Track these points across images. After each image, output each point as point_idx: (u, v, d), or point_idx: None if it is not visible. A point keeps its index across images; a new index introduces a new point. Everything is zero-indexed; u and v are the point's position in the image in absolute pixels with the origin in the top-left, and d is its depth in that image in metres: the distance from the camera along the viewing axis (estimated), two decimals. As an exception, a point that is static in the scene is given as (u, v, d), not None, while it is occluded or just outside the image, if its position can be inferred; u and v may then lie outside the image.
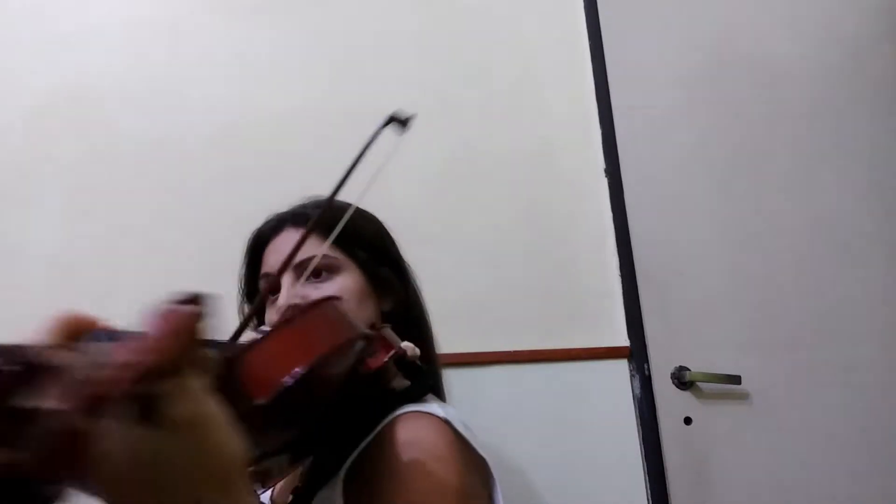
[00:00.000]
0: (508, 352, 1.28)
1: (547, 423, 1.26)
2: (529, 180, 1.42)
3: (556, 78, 1.51)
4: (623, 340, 1.34)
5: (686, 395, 1.33)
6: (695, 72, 1.57)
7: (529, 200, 1.41)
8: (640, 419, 1.29)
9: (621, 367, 1.32)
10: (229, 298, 0.88)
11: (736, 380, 1.33)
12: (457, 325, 1.22)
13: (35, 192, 1.29)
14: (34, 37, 1.37)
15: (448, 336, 0.89)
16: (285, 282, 0.74)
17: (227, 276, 0.87)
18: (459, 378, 1.20)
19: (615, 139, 1.46)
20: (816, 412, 1.37)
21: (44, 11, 1.39)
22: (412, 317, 0.83)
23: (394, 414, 0.65)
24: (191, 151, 1.34)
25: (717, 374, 1.32)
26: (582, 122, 1.48)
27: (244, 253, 0.85)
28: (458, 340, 1.18)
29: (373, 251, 0.80)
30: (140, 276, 1.26)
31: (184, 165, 1.33)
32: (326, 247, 0.70)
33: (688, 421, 1.31)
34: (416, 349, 0.71)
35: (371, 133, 0.61)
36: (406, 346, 0.69)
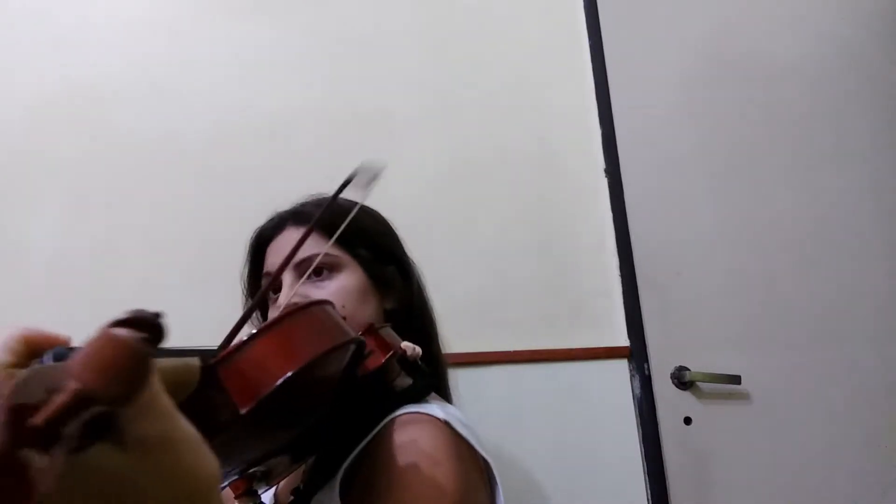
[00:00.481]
0: (508, 352, 1.28)
1: (547, 423, 1.26)
2: (529, 180, 1.42)
3: (556, 78, 1.51)
4: (623, 340, 1.34)
5: (686, 395, 1.33)
6: (695, 72, 1.57)
7: (529, 200, 1.41)
8: (640, 419, 1.29)
9: (621, 367, 1.32)
10: (229, 298, 0.88)
11: (736, 380, 1.32)
12: (457, 325, 1.22)
13: (35, 191, 1.28)
14: (34, 37, 1.37)
15: (448, 336, 0.89)
16: (286, 281, 0.74)
17: (226, 275, 0.88)
18: (459, 378, 1.20)
19: (615, 139, 1.46)
20: (816, 412, 1.37)
21: (44, 11, 1.39)
22: (416, 315, 0.82)
23: (392, 415, 0.65)
24: (191, 151, 1.34)
25: (717, 374, 1.32)
26: (582, 122, 1.48)
27: (247, 252, 0.85)
28: (458, 340, 1.18)
29: (375, 249, 0.79)
30: (140, 275, 1.26)
31: (184, 165, 1.33)
32: (328, 246, 0.70)
33: (688, 421, 1.31)
34: (416, 349, 0.71)
35: (342, 181, 0.60)
36: (406, 346, 0.69)
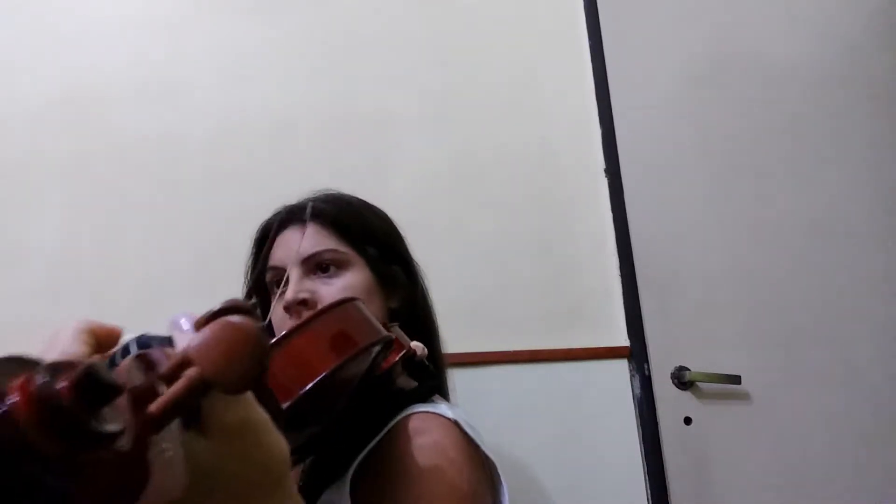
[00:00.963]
0: (508, 352, 1.28)
1: (547, 423, 1.26)
2: (529, 180, 1.42)
3: (556, 78, 1.51)
4: (623, 340, 1.34)
5: (686, 395, 1.33)
6: (695, 72, 1.57)
7: (529, 200, 1.41)
8: (640, 419, 1.29)
9: (621, 367, 1.32)
10: (230, 297, 0.88)
11: (736, 380, 1.32)
12: (457, 325, 1.22)
13: (35, 192, 1.28)
14: (34, 37, 1.37)
15: (448, 336, 0.89)
16: (293, 275, 0.74)
17: (227, 275, 0.87)
18: (459, 378, 1.20)
19: (615, 139, 1.46)
20: (816, 412, 1.37)
21: (44, 11, 1.39)
22: (419, 315, 0.83)
23: (403, 414, 0.65)
24: (191, 151, 1.34)
25: (717, 374, 1.32)
26: (582, 122, 1.48)
27: (251, 245, 0.85)
28: (458, 340, 1.18)
29: (382, 247, 0.79)
30: (140, 275, 1.26)
31: (184, 165, 1.33)
32: (336, 242, 0.70)
33: (688, 421, 1.31)
34: (424, 349, 0.71)
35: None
36: (415, 346, 0.69)
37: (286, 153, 1.36)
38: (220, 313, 0.27)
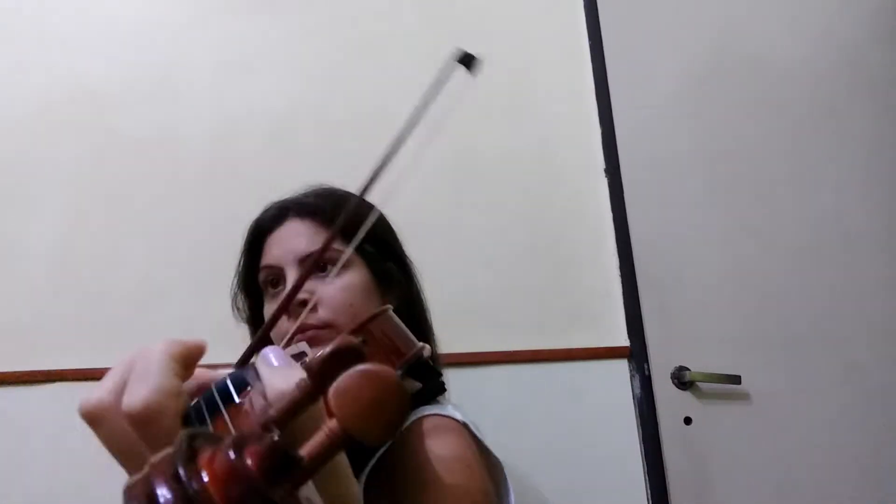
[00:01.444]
0: (508, 352, 1.28)
1: (547, 423, 1.26)
2: (529, 180, 1.42)
3: (556, 78, 1.51)
4: (623, 340, 1.34)
5: (686, 395, 1.33)
6: (695, 71, 1.57)
7: (529, 200, 1.41)
8: (640, 419, 1.29)
9: (621, 367, 1.32)
10: (229, 298, 0.88)
11: (736, 380, 1.32)
12: (457, 325, 1.22)
13: (35, 191, 1.29)
14: (34, 37, 1.37)
15: (448, 336, 0.88)
16: (290, 275, 0.73)
17: (226, 275, 0.87)
18: (459, 378, 1.20)
19: (615, 139, 1.46)
20: (816, 412, 1.37)
21: (44, 12, 1.39)
22: (415, 314, 0.82)
23: (413, 416, 0.65)
24: (191, 151, 1.34)
25: (717, 374, 1.32)
26: (582, 122, 1.48)
27: (243, 243, 0.82)
28: (458, 340, 1.18)
29: (379, 246, 0.78)
30: (140, 275, 1.26)
31: (184, 165, 1.33)
32: (350, 249, 0.70)
33: (688, 421, 1.31)
34: (429, 348, 0.71)
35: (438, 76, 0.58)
36: (423, 347, 0.69)
37: (286, 153, 1.36)
38: (341, 359, 0.25)
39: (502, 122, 1.45)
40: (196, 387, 0.36)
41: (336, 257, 0.73)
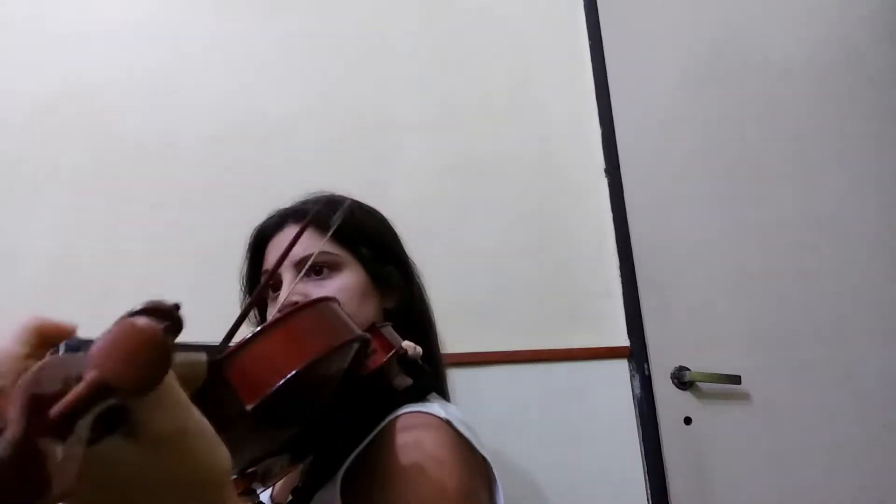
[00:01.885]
0: (508, 352, 1.28)
1: (547, 423, 1.26)
2: (529, 180, 1.42)
3: (556, 78, 1.51)
4: (623, 340, 1.34)
5: (686, 395, 1.33)
6: (695, 71, 1.57)
7: (529, 200, 1.41)
8: (640, 419, 1.29)
9: (621, 367, 1.32)
10: (229, 298, 0.88)
11: (736, 380, 1.32)
12: (457, 325, 1.22)
13: (36, 192, 1.29)
14: (34, 37, 1.37)
15: (448, 336, 0.89)
16: (286, 278, 0.74)
17: (227, 275, 0.87)
18: (459, 378, 1.20)
19: (615, 139, 1.46)
20: (816, 412, 1.37)
21: (44, 12, 1.39)
22: (415, 314, 0.82)
23: (394, 414, 0.65)
24: (191, 151, 1.34)
25: (717, 374, 1.32)
26: (582, 122, 1.48)
27: (246, 249, 0.85)
28: (458, 340, 1.18)
29: (376, 247, 0.79)
30: (140, 275, 1.26)
31: (184, 165, 1.33)
32: (324, 243, 0.70)
33: (688, 421, 1.31)
34: (417, 348, 0.71)
35: None
36: (407, 346, 0.69)
37: (287, 155, 1.36)
38: (131, 315, 0.26)
39: (502, 123, 1.45)
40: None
41: (330, 261, 0.74)
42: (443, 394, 0.82)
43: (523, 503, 1.21)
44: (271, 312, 0.77)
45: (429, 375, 0.73)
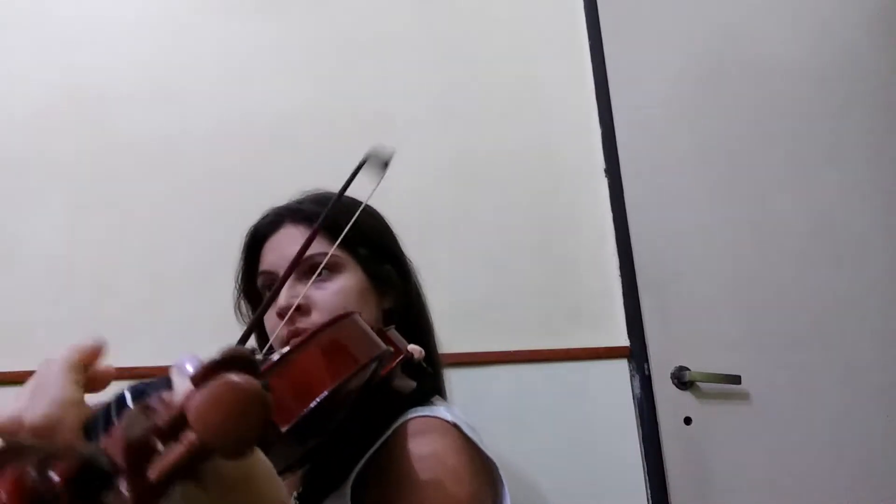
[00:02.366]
0: (509, 352, 1.28)
1: (547, 423, 1.26)
2: (529, 180, 1.42)
3: (556, 78, 1.51)
4: (623, 340, 1.34)
5: (686, 395, 1.33)
6: (695, 72, 1.57)
7: (529, 200, 1.41)
8: (640, 419, 1.29)
9: (621, 367, 1.32)
10: (229, 298, 0.88)
11: (736, 380, 1.32)
12: (457, 325, 1.22)
13: (36, 192, 1.29)
14: (34, 37, 1.37)
15: (448, 336, 0.88)
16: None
17: (226, 276, 0.87)
18: (459, 378, 1.20)
19: (615, 139, 1.46)
20: (816, 412, 1.37)
21: (44, 12, 1.39)
22: (413, 315, 0.82)
23: (402, 419, 0.65)
24: (191, 151, 1.34)
25: (717, 374, 1.32)
26: (582, 122, 1.48)
27: (241, 249, 0.83)
28: (458, 340, 1.18)
29: (374, 248, 0.78)
30: (140, 275, 1.26)
31: (184, 165, 1.33)
32: (322, 243, 0.70)
33: (688, 421, 1.31)
34: (422, 351, 0.70)
35: (352, 170, 0.60)
36: (413, 349, 0.69)
37: (287, 154, 1.36)
38: (219, 367, 0.25)
39: (502, 123, 1.45)
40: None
41: (329, 262, 0.73)
42: (442, 395, 0.82)
43: (524, 503, 1.21)
44: (269, 315, 0.77)
45: (431, 377, 0.72)
